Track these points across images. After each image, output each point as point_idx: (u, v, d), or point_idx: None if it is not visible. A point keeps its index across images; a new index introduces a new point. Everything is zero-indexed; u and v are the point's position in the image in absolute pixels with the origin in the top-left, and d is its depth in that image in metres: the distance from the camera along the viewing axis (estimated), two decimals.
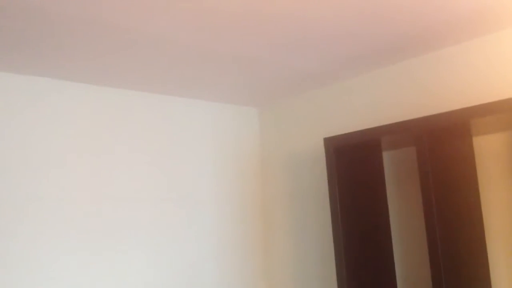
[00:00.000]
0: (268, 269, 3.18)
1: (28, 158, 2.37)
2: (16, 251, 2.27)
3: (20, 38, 1.96)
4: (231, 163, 3.14)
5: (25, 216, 2.32)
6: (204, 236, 2.94)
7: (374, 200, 2.45)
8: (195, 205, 2.92)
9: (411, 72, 2.49)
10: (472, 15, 2.00)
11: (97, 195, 2.55)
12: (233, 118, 3.22)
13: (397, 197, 2.55)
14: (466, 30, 2.16)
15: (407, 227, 2.51)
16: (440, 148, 2.11)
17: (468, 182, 2.20)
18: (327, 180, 2.40)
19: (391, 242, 2.46)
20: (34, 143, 2.40)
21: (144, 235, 2.69)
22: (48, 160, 2.42)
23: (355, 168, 2.41)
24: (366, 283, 2.33)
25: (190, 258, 2.86)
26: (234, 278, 3.04)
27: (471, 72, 2.26)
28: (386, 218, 2.48)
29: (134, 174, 2.71)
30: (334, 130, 2.79)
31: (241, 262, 3.09)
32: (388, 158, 2.58)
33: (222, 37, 2.09)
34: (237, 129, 3.22)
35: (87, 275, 2.46)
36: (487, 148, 2.22)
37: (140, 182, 2.73)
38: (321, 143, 2.84)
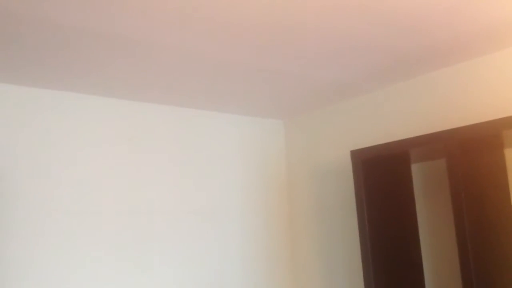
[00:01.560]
0: (295, 283, 3.15)
1: (53, 171, 2.39)
2: (42, 263, 2.29)
3: (40, 52, 1.98)
4: (257, 176, 3.13)
5: (50, 229, 2.34)
6: (230, 249, 2.92)
7: (403, 213, 2.41)
8: (221, 218, 2.92)
9: (439, 83, 2.45)
10: (501, 25, 1.97)
11: (124, 209, 2.56)
12: (259, 130, 3.21)
13: (426, 210, 2.50)
14: (495, 40, 2.13)
15: (437, 241, 2.46)
16: (471, 160, 2.07)
17: (500, 194, 2.15)
18: (354, 193, 2.37)
19: (420, 256, 2.41)
20: (61, 157, 2.42)
21: (170, 249, 2.69)
22: (72, 174, 2.44)
23: (383, 181, 2.37)
24: None
25: (215, 272, 2.84)
26: None
27: (502, 82, 2.22)
28: (415, 231, 2.43)
29: (160, 187, 2.71)
30: (361, 142, 2.76)
31: (268, 276, 3.06)
32: (417, 170, 2.54)
33: (247, 50, 2.09)
34: (263, 142, 3.21)
35: None
36: None
37: (166, 196, 2.73)
38: (348, 155, 2.81)
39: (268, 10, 1.75)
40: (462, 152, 2.02)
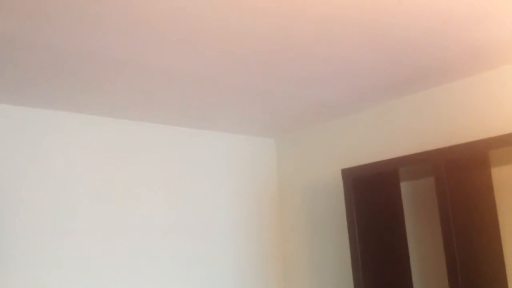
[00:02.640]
0: None
1: (44, 189, 2.38)
2: (31, 278, 2.28)
3: (35, 73, 2.00)
4: (248, 194, 3.13)
5: (38, 246, 2.33)
6: (221, 267, 2.92)
7: (393, 231, 2.44)
8: (212, 237, 2.92)
9: (428, 102, 2.50)
10: (490, 46, 2.02)
11: (114, 227, 2.56)
12: (250, 149, 3.22)
13: (416, 227, 2.53)
14: (482, 61, 2.18)
15: (426, 258, 2.48)
16: (458, 179, 2.11)
17: (487, 212, 2.18)
18: (345, 211, 2.39)
19: (410, 274, 2.43)
20: (52, 174, 2.42)
21: (159, 266, 2.68)
22: (62, 192, 2.44)
23: (373, 199, 2.40)
24: None
25: None
26: None
27: (489, 103, 2.27)
28: (405, 249, 2.46)
29: (149, 205, 2.71)
30: (352, 160, 2.78)
31: None
32: (406, 188, 2.57)
33: (239, 70, 2.12)
34: (254, 160, 3.22)
35: None
36: (505, 179, 2.21)
37: (155, 214, 2.72)
38: (339, 173, 2.81)
39: (261, 33, 1.78)
40: (450, 171, 2.06)
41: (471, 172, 2.20)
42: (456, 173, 2.10)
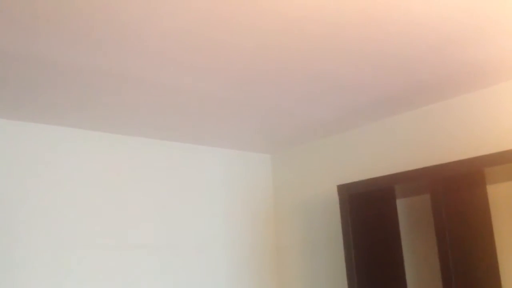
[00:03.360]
0: None
1: (37, 205, 2.36)
2: None
3: (30, 87, 1.99)
4: (244, 210, 3.12)
5: (33, 263, 2.31)
6: (215, 283, 2.89)
7: (389, 248, 2.43)
8: (207, 253, 2.89)
9: (424, 119, 2.51)
10: (486, 63, 2.03)
11: (110, 244, 2.54)
12: (245, 164, 3.21)
13: (412, 245, 2.52)
14: (480, 78, 2.19)
15: (422, 275, 2.47)
16: (454, 196, 2.11)
17: (483, 230, 2.18)
18: (341, 227, 2.38)
19: None
20: (43, 191, 2.40)
21: (154, 283, 2.66)
22: (57, 208, 2.42)
23: (369, 216, 2.39)
24: None
25: None
26: None
27: (485, 120, 2.28)
28: (401, 266, 2.45)
29: (143, 222, 2.69)
30: (348, 176, 2.75)
31: None
32: (402, 205, 2.57)
33: (234, 86, 2.12)
34: (249, 176, 3.21)
35: None
36: (501, 196, 2.21)
37: (149, 230, 2.70)
38: (334, 190, 2.78)
39: (256, 50, 1.79)
40: (446, 188, 2.06)
41: (467, 190, 2.20)
42: (452, 190, 2.10)
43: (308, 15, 1.57)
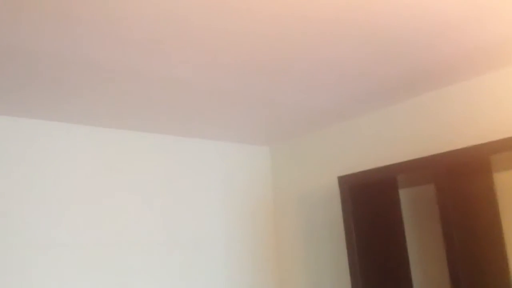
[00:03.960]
0: None
1: (28, 201, 2.32)
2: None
3: (19, 81, 1.94)
4: (243, 203, 3.08)
5: (25, 262, 2.26)
6: (215, 280, 2.85)
7: (392, 240, 2.37)
8: (206, 248, 2.85)
9: (426, 107, 2.44)
10: (490, 46, 1.96)
11: (105, 240, 2.49)
12: (244, 157, 3.17)
13: (416, 236, 2.47)
14: (483, 63, 2.12)
15: (427, 267, 2.41)
16: (459, 185, 2.05)
17: (490, 219, 2.12)
18: (342, 220, 2.33)
19: (411, 283, 2.36)
20: (38, 185, 2.35)
21: (151, 280, 2.61)
22: (48, 204, 2.37)
23: (371, 207, 2.34)
24: None
25: None
26: None
27: (490, 105, 2.21)
28: (405, 258, 2.40)
29: (141, 217, 2.65)
30: (349, 167, 2.73)
31: None
32: (405, 195, 2.51)
33: (232, 77, 2.07)
34: (248, 169, 3.17)
35: None
36: (508, 185, 2.15)
37: (146, 224, 2.66)
38: (335, 181, 2.79)
39: (256, 41, 1.74)
40: (451, 177, 2.00)
41: (472, 178, 2.13)
42: (457, 179, 2.03)
43: None
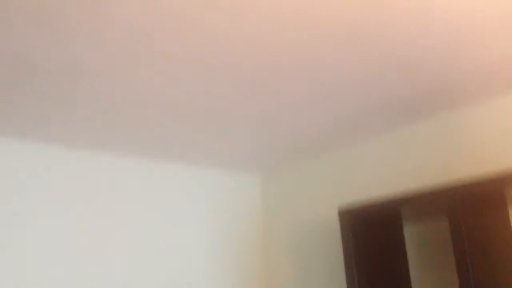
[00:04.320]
0: None
1: (13, 228, 2.14)
2: None
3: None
4: (229, 238, 2.91)
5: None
6: None
7: (396, 280, 2.20)
8: (188, 286, 2.63)
9: (436, 131, 2.32)
10: (508, 65, 1.85)
11: (81, 276, 2.28)
12: (231, 186, 3.02)
13: (422, 276, 2.29)
14: (499, 83, 1.99)
15: None
16: (474, 220, 1.90)
17: (506, 255, 1.95)
18: (342, 258, 2.16)
19: None
20: (15, 209, 2.17)
21: None
22: (21, 231, 2.19)
23: (375, 243, 2.20)
24: None
25: None
26: None
27: (505, 131, 2.09)
28: None
29: (115, 250, 2.46)
30: (350, 199, 2.60)
31: None
32: (411, 230, 2.35)
33: (219, 91, 1.92)
34: (235, 200, 3.01)
35: None
36: None
37: (121, 260, 2.46)
38: (335, 214, 2.65)
39: (247, 53, 1.62)
40: (465, 211, 1.86)
41: (486, 213, 1.98)
42: (471, 214, 1.89)
43: None
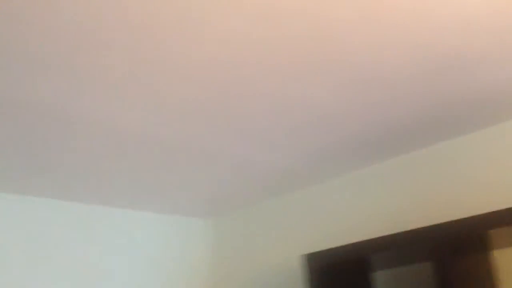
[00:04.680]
0: None
1: None
2: None
3: None
4: (179, 286, 2.72)
5: None
6: None
7: None
8: None
9: (411, 168, 2.21)
10: (492, 95, 1.77)
11: None
12: (177, 232, 2.83)
13: None
14: (479, 114, 1.91)
15: None
16: (454, 264, 1.83)
17: None
18: None
19: None
20: None
21: None
22: None
23: None
24: None
25: None
26: None
27: (486, 165, 2.01)
28: None
29: None
30: (313, 245, 2.47)
31: None
32: (382, 278, 2.23)
33: (161, 120, 1.73)
34: (181, 248, 2.81)
35: None
36: (510, 264, 1.92)
37: None
38: (295, 261, 2.51)
39: (202, 84, 1.49)
40: (446, 255, 1.81)
41: (467, 256, 1.90)
42: (450, 257, 1.83)
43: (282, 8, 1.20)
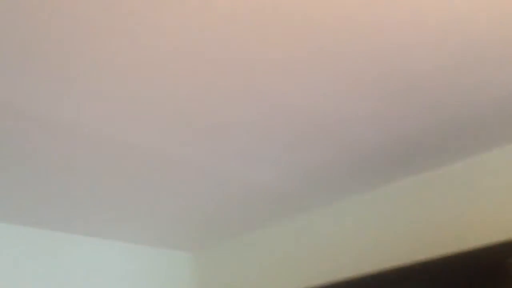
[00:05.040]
0: None
1: None
2: None
3: None
4: None
5: None
6: None
7: None
8: None
9: (423, 192, 2.15)
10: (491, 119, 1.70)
11: None
12: (159, 267, 2.75)
13: None
14: (484, 135, 1.84)
15: None
16: None
17: None
18: None
19: None
20: None
21: None
22: None
23: None
24: None
25: None
26: None
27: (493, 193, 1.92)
28: None
29: None
30: (299, 278, 2.38)
31: None
32: None
33: (142, 135, 1.65)
34: (164, 282, 2.71)
35: None
36: None
37: None
38: None
39: (185, 95, 1.45)
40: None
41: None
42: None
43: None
